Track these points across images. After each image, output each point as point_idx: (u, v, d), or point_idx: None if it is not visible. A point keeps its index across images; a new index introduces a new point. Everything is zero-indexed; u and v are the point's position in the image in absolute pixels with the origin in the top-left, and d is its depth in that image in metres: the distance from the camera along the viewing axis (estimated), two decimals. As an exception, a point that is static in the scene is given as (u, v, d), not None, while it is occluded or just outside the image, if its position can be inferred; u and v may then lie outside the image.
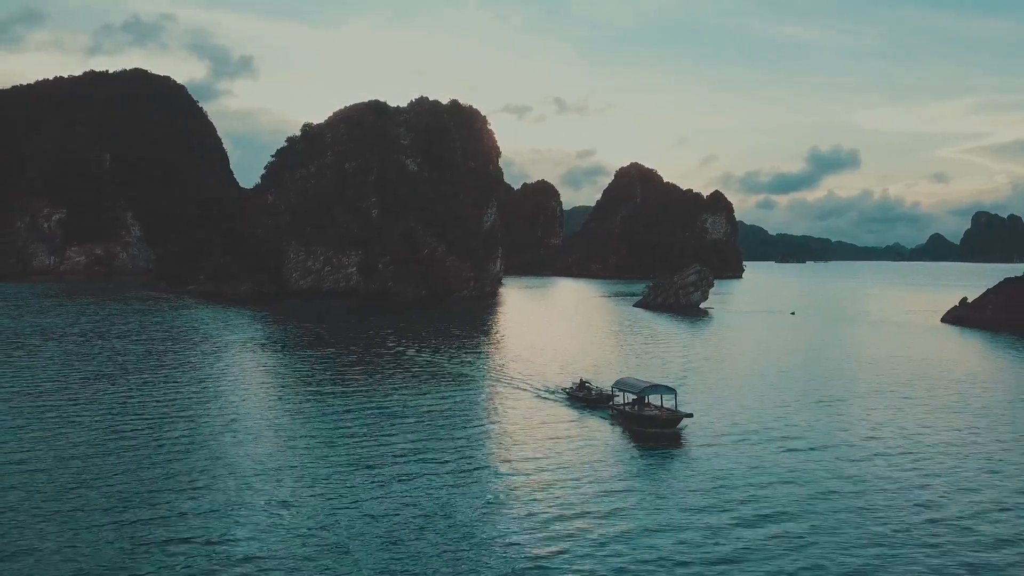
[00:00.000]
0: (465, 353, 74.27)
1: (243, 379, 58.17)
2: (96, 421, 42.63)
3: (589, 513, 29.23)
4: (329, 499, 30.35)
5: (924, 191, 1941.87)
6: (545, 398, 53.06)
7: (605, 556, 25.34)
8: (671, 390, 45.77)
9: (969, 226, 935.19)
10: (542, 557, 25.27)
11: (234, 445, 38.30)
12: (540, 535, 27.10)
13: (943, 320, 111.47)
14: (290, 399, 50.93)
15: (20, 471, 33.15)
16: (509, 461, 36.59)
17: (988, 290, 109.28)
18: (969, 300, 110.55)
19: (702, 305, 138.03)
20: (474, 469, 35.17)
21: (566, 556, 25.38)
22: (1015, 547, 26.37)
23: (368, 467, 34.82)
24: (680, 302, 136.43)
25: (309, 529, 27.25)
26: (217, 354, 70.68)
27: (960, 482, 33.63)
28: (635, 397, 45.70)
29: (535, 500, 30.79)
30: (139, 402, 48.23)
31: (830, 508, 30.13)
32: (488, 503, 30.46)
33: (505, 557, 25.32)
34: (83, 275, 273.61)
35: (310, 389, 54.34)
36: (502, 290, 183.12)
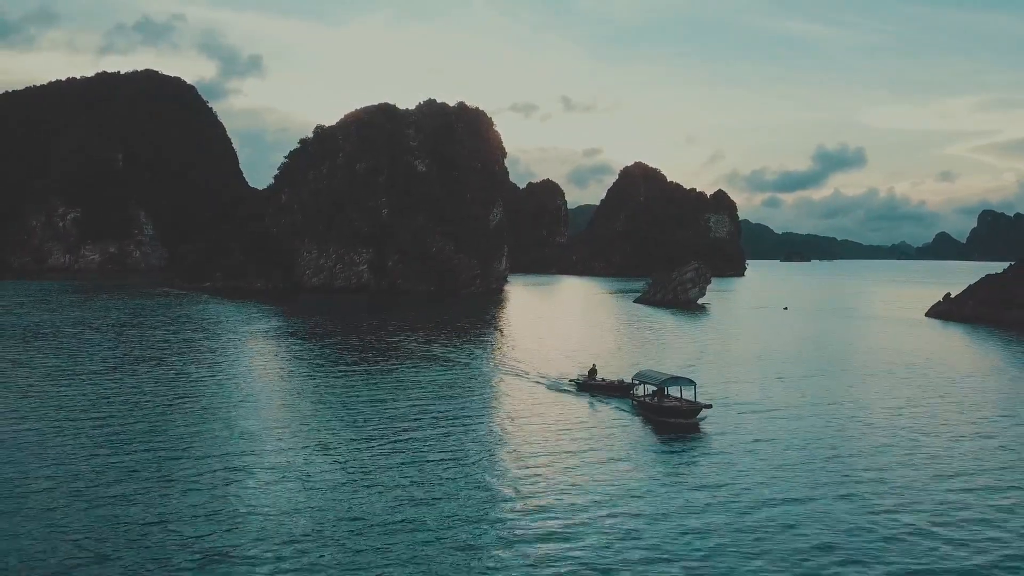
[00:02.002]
0: (475, 344, 79.32)
1: (267, 364, 64.00)
2: (146, 394, 48.53)
3: (616, 498, 30.47)
4: (338, 477, 32.28)
5: (931, 189, 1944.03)
6: (556, 388, 54.95)
7: (633, 538, 26.36)
8: (691, 382, 46.94)
9: (975, 225, 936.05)
10: (566, 540, 26.02)
11: (258, 419, 43.74)
12: (565, 520, 27.92)
13: (927, 315, 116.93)
14: (308, 380, 55.94)
15: (83, 440, 39.01)
16: (530, 449, 37.78)
17: (969, 286, 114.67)
18: (953, 296, 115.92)
19: (700, 301, 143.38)
20: (493, 454, 36.73)
21: (593, 539, 26.18)
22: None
23: (380, 450, 36.67)
24: (678, 298, 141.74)
25: (318, 503, 28.98)
26: (243, 341, 76.75)
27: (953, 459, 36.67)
28: (655, 389, 47.18)
29: (559, 486, 31.77)
30: (182, 379, 54.07)
31: (847, 488, 31.84)
32: (509, 488, 31.45)
33: (528, 541, 26.01)
34: (97, 273, 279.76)
35: (327, 374, 59.30)
36: (507, 287, 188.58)
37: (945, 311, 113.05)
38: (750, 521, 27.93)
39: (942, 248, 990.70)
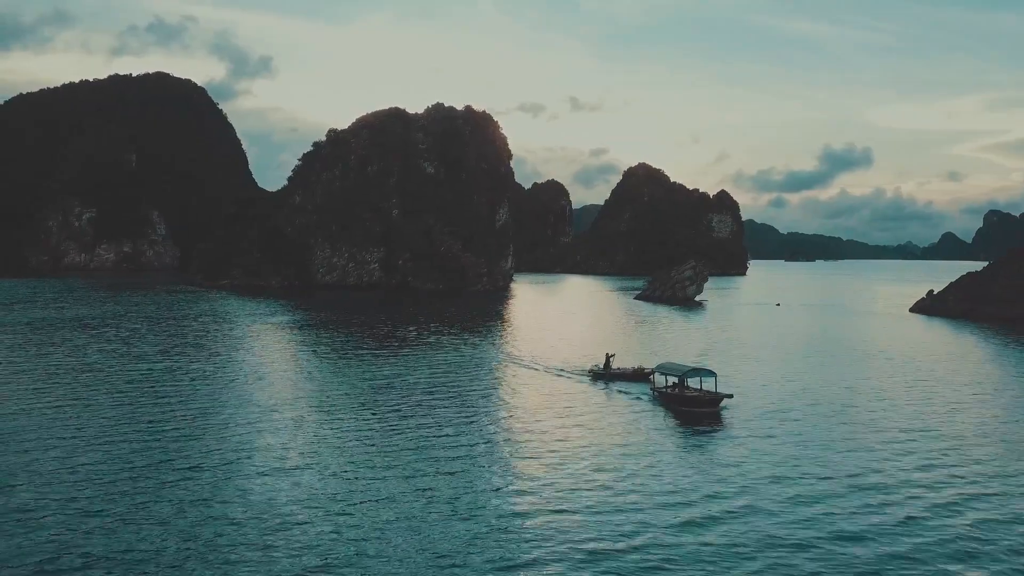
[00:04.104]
0: (485, 337, 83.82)
1: (294, 350, 70.48)
2: (189, 374, 55.21)
3: (644, 480, 31.96)
4: (351, 465, 33.22)
5: (937, 189, 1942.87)
6: (572, 377, 57.27)
7: (660, 522, 27.17)
8: (711, 373, 48.08)
9: (981, 225, 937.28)
10: (594, 525, 26.71)
11: (288, 397, 49.60)
12: (593, 504, 28.81)
13: (911, 310, 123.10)
14: (324, 371, 59.36)
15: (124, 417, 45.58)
16: (555, 435, 39.23)
17: (951, 283, 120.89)
18: (935, 293, 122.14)
19: (697, 298, 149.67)
20: (515, 442, 38.04)
21: (622, 522, 27.01)
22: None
23: (396, 432, 38.78)
24: (677, 295, 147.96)
25: (327, 496, 29.18)
26: (270, 331, 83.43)
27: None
28: (676, 380, 48.61)
29: (588, 473, 32.91)
30: (220, 364, 60.66)
31: (862, 468, 34.04)
32: (534, 477, 32.17)
33: (554, 525, 26.59)
34: (112, 271, 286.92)
35: (343, 364, 63.01)
36: (513, 285, 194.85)
37: (928, 307, 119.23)
38: (779, 507, 29.15)
39: (948, 248, 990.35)
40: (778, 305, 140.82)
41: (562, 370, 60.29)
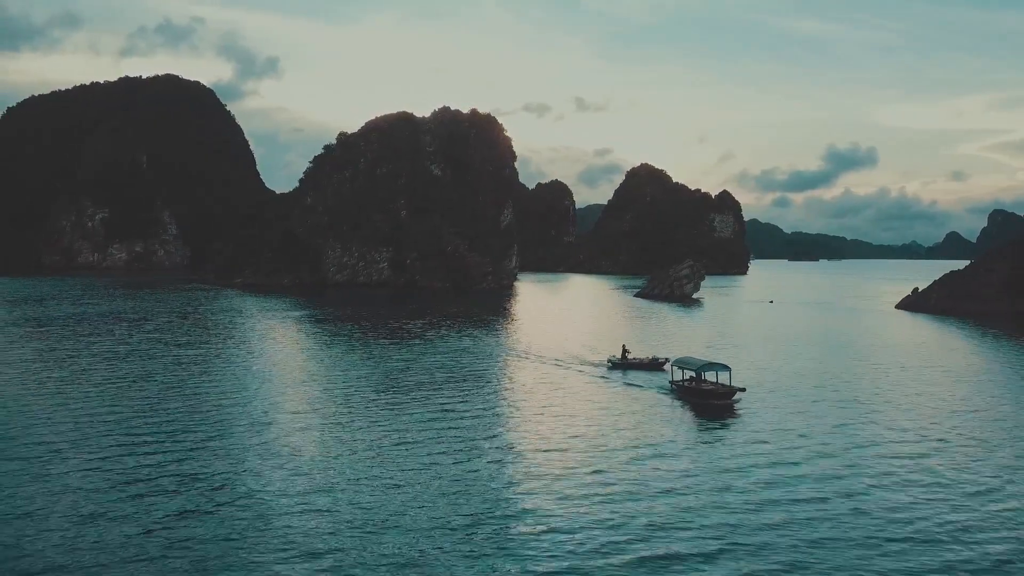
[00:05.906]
0: (495, 333, 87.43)
1: (306, 343, 75.84)
2: (218, 362, 60.98)
3: (664, 464, 33.86)
4: (360, 459, 33.58)
5: (942, 189, 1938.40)
6: (588, 368, 59.67)
7: (679, 508, 28.19)
8: (726, 367, 49.84)
9: (986, 224, 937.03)
10: (614, 514, 27.44)
11: (289, 399, 54.73)
12: (618, 492, 29.91)
13: (897, 307, 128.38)
14: (335, 366, 60.74)
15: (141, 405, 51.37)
16: (570, 428, 40.39)
17: (935, 281, 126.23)
18: (920, 290, 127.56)
19: (694, 295, 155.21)
20: (533, 433, 39.28)
21: (644, 507, 28.07)
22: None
23: (410, 423, 39.99)
24: (674, 293, 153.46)
25: (338, 490, 29.34)
26: (285, 325, 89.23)
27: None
28: (693, 374, 50.60)
29: (611, 456, 34.84)
30: (247, 356, 66.36)
31: (870, 461, 35.19)
32: (551, 469, 32.90)
33: (572, 514, 27.33)
34: (124, 270, 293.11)
35: (354, 358, 64.79)
36: (517, 284, 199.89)
37: (913, 303, 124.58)
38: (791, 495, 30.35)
39: (953, 248, 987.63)
40: (771, 303, 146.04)
41: (576, 361, 63.24)
